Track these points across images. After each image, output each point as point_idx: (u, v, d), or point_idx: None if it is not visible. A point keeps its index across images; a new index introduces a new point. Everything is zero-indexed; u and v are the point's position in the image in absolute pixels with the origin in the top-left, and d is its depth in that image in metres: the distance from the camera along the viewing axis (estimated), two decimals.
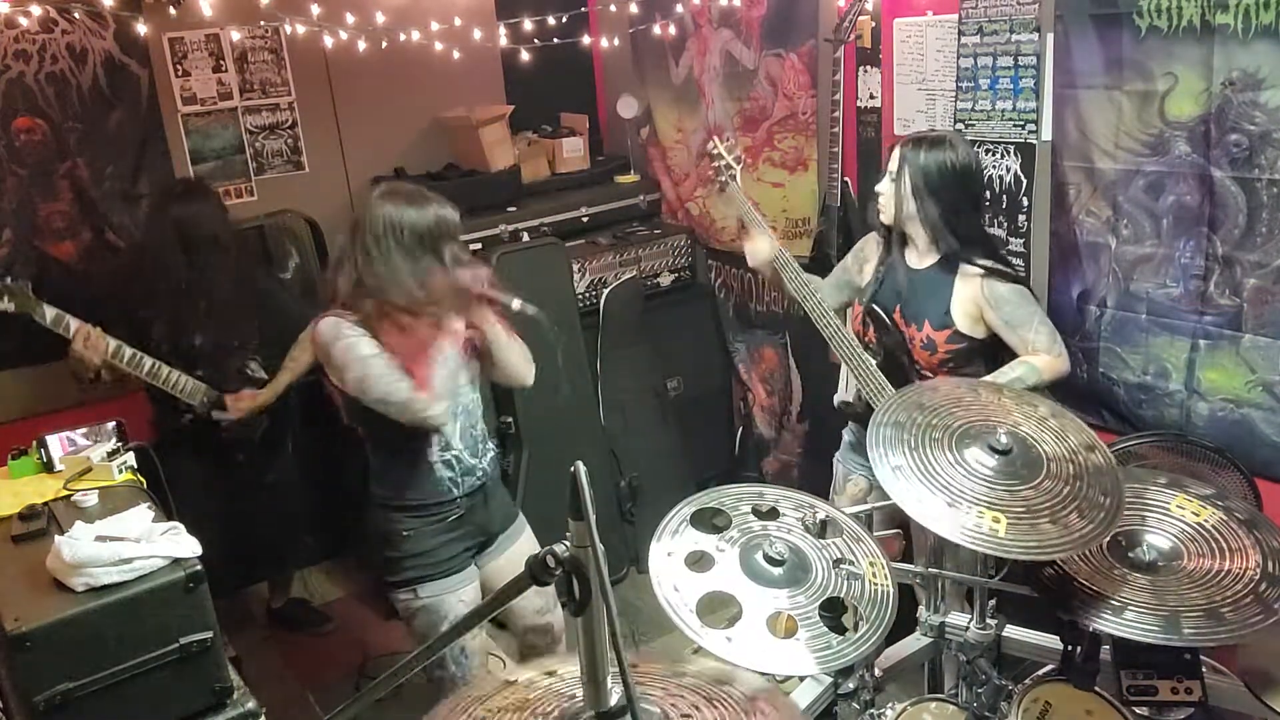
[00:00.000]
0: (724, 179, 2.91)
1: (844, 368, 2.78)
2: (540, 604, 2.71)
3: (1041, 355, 2.55)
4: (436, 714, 1.20)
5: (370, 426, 2.49)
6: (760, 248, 2.84)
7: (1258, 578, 1.86)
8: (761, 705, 1.15)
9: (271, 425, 3.33)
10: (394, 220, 2.36)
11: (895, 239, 2.71)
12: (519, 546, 2.70)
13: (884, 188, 2.66)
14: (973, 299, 2.59)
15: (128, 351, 2.98)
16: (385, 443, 2.50)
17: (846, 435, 3.00)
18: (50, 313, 2.87)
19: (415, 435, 2.46)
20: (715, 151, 2.93)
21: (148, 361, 3.03)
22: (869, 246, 2.88)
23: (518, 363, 2.58)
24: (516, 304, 2.45)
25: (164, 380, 3.07)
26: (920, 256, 2.67)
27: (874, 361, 2.66)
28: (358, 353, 2.35)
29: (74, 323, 2.90)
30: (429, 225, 2.38)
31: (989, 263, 2.59)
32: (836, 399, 2.92)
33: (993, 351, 2.64)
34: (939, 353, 2.64)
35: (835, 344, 2.70)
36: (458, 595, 2.55)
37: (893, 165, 2.63)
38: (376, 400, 2.37)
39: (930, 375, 2.65)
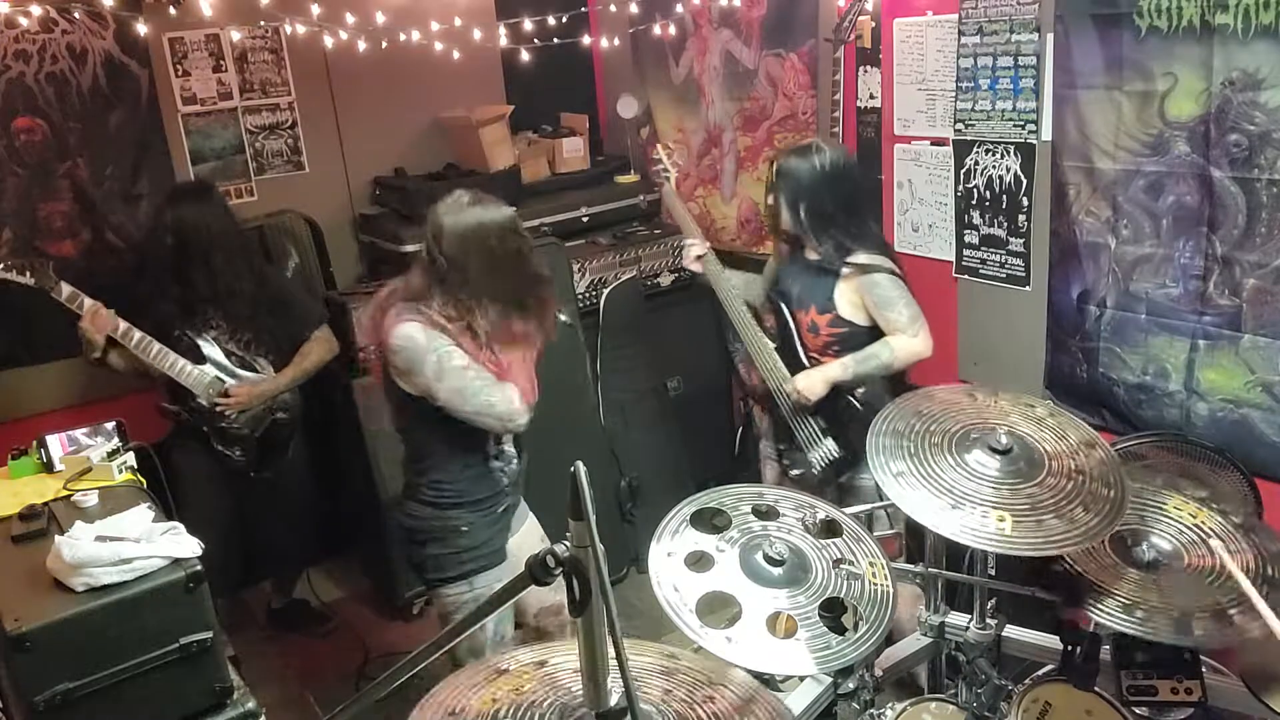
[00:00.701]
0: (660, 180, 3.36)
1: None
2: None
3: (899, 335, 2.75)
4: (429, 699, 1.21)
5: (434, 432, 2.47)
6: (693, 248, 3.12)
7: (1259, 582, 1.86)
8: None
9: (273, 424, 3.32)
10: (489, 228, 2.38)
11: (790, 239, 2.92)
12: (529, 525, 2.74)
13: (768, 200, 2.90)
14: (854, 287, 2.78)
15: (136, 334, 3.02)
16: (447, 446, 2.49)
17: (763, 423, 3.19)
18: (66, 290, 2.95)
19: (480, 436, 2.48)
20: (657, 156, 3.36)
21: (155, 346, 3.06)
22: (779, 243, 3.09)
23: None
24: (564, 317, 2.61)
25: (169, 366, 3.09)
26: (813, 250, 2.85)
27: (772, 345, 2.95)
28: (453, 363, 2.34)
29: (87, 301, 2.97)
30: (517, 228, 2.43)
31: (863, 259, 2.75)
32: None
33: (878, 340, 2.81)
34: (821, 335, 2.85)
35: (739, 328, 3.02)
36: (503, 582, 2.55)
37: (772, 177, 2.86)
38: (473, 411, 2.38)
39: (816, 357, 2.89)
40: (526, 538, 2.71)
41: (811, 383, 2.82)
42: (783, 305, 2.93)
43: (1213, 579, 1.91)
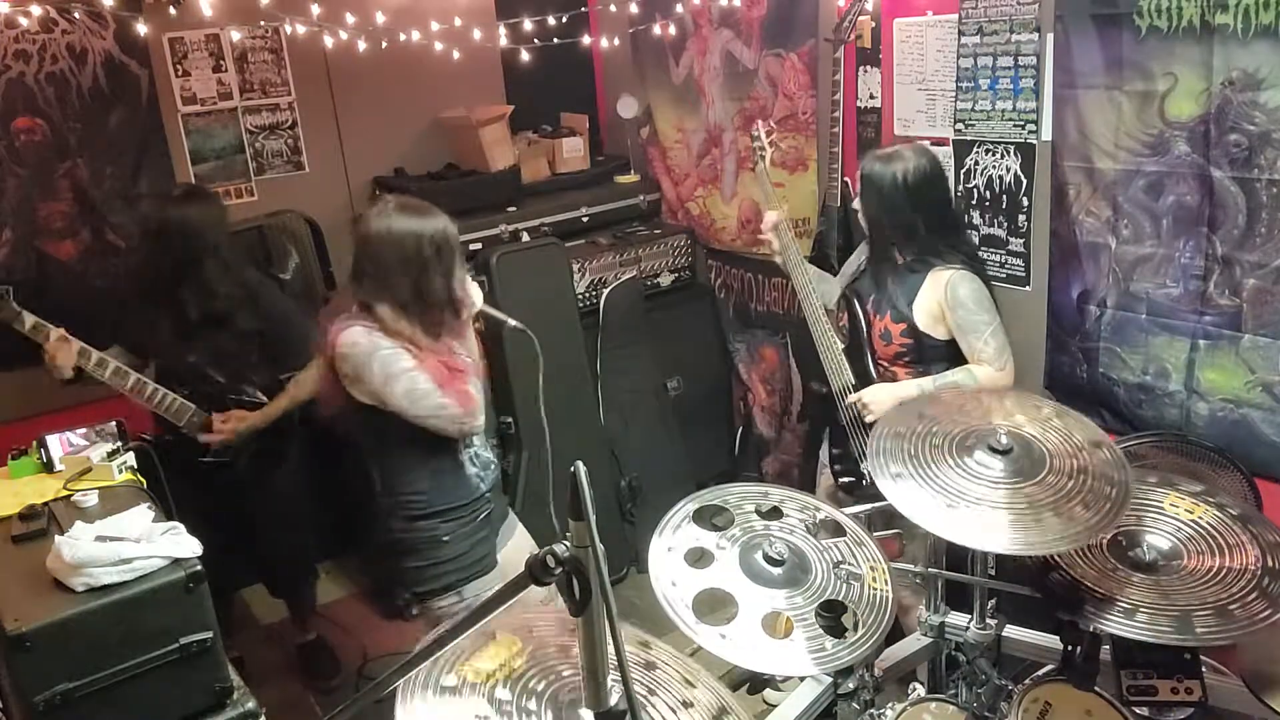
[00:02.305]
0: (757, 159, 3.28)
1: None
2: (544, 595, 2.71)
3: (984, 366, 2.64)
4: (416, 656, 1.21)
5: (397, 441, 2.44)
6: (769, 217, 3.08)
7: (1259, 573, 1.86)
8: None
9: (259, 455, 3.15)
10: (410, 232, 2.35)
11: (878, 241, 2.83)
12: (518, 537, 2.73)
13: (857, 203, 2.85)
14: (936, 298, 2.67)
15: (110, 365, 2.86)
16: (414, 453, 2.45)
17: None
18: (30, 320, 2.78)
19: (446, 441, 2.45)
20: (756, 133, 3.29)
21: (131, 378, 2.90)
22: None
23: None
24: (512, 323, 2.56)
25: (148, 398, 2.94)
26: (901, 257, 2.75)
27: (840, 345, 2.86)
28: (399, 365, 2.33)
29: (53, 331, 2.80)
30: (442, 238, 2.38)
31: (948, 272, 2.66)
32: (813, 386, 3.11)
33: (954, 356, 2.71)
34: (893, 344, 2.74)
35: (810, 321, 2.92)
36: (492, 589, 2.54)
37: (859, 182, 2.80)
38: (425, 414, 2.36)
39: (885, 365, 2.80)
40: (515, 552, 2.67)
41: (880, 400, 2.69)
42: (858, 306, 2.83)
43: (1215, 576, 1.91)
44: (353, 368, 2.34)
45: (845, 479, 2.91)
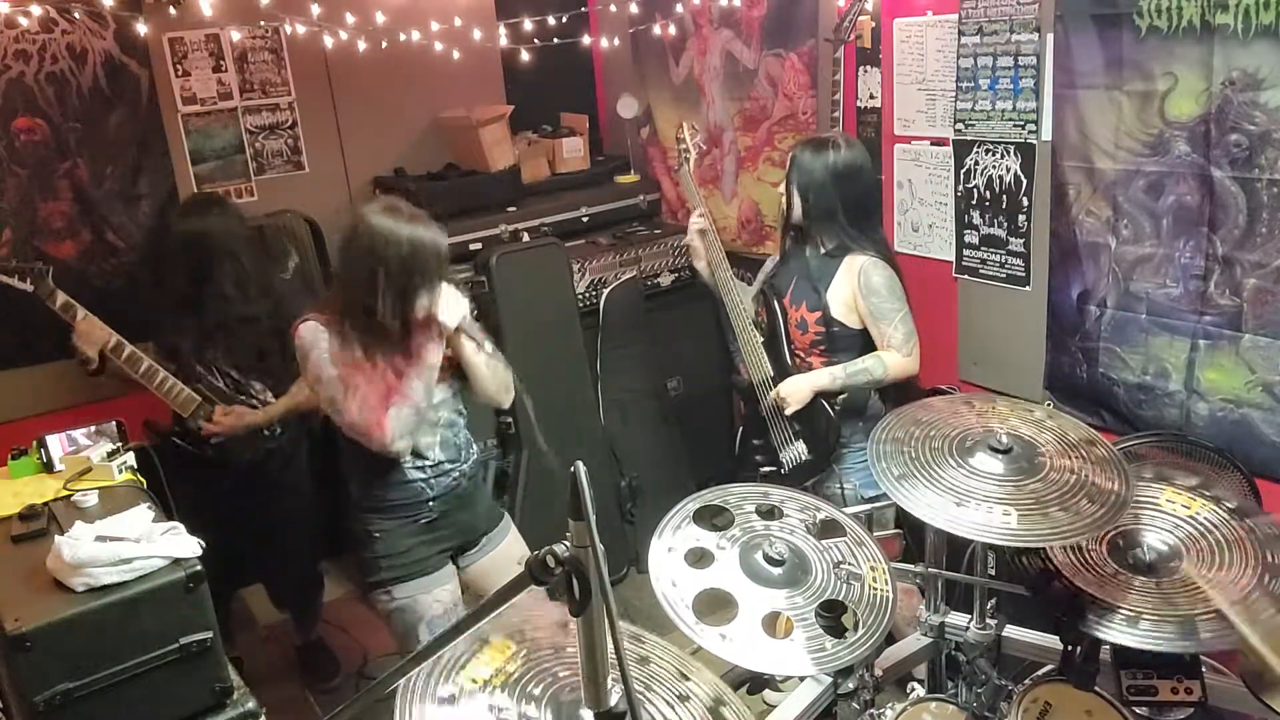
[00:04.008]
0: (682, 160, 3.31)
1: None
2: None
3: (892, 352, 2.74)
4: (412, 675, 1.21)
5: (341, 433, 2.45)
6: (696, 220, 3.13)
7: (1260, 570, 1.86)
8: None
9: (266, 460, 3.18)
10: (376, 236, 2.28)
11: (795, 232, 2.91)
12: (504, 548, 2.70)
13: (781, 188, 2.88)
14: (850, 285, 2.76)
15: (127, 349, 2.96)
16: (354, 446, 2.43)
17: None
18: (61, 299, 2.91)
19: None
20: (681, 135, 3.32)
21: (144, 363, 2.98)
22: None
23: (491, 391, 2.56)
24: (489, 348, 2.50)
25: (158, 385, 3.00)
26: (818, 246, 2.85)
27: (760, 338, 2.97)
28: (323, 369, 2.35)
29: (80, 312, 2.93)
30: (410, 250, 2.29)
31: (862, 259, 2.75)
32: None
33: (865, 345, 2.81)
34: (809, 333, 2.85)
35: (732, 317, 3.04)
36: (432, 595, 2.54)
37: (789, 166, 2.84)
38: (342, 425, 2.37)
39: (802, 355, 2.90)
40: (500, 559, 2.66)
41: (796, 389, 2.82)
42: (774, 299, 2.92)
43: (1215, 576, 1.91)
44: (300, 359, 2.40)
45: (767, 469, 3.00)
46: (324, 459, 3.63)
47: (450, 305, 2.40)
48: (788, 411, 2.85)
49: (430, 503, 2.52)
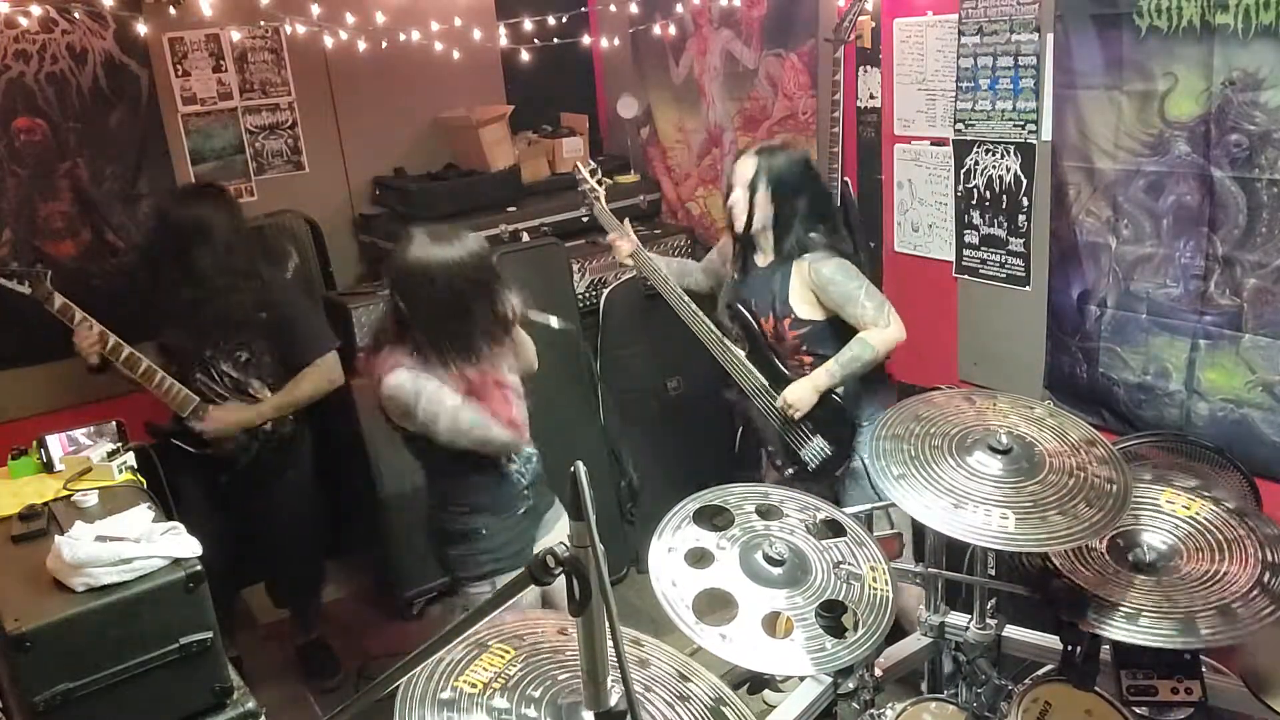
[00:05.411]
0: (590, 200, 3.31)
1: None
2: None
3: (871, 329, 2.76)
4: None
5: (443, 458, 2.47)
6: (623, 246, 3.17)
7: (1260, 569, 1.86)
8: None
9: (260, 457, 3.17)
10: (443, 265, 2.33)
11: (745, 244, 2.92)
12: (557, 531, 2.72)
13: (737, 197, 2.85)
14: (804, 284, 2.82)
15: (125, 350, 2.94)
16: (460, 467, 2.48)
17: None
18: (59, 301, 2.89)
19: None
20: (581, 176, 3.30)
21: (143, 364, 2.96)
22: (729, 247, 3.06)
23: (532, 358, 2.65)
24: (555, 323, 2.63)
25: (156, 385, 2.98)
26: (764, 256, 2.90)
27: (743, 352, 2.97)
28: (444, 404, 2.35)
29: (78, 314, 2.91)
30: (476, 263, 2.37)
31: (809, 257, 2.79)
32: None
33: (841, 330, 2.83)
34: (788, 339, 2.89)
35: (702, 336, 3.02)
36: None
37: (746, 173, 2.83)
38: (473, 444, 2.41)
39: (795, 361, 2.92)
40: (561, 536, 2.70)
41: (802, 394, 2.85)
42: (745, 313, 2.95)
43: (1215, 575, 1.90)
44: (399, 408, 2.38)
45: (791, 470, 3.01)
46: (324, 457, 3.64)
47: (514, 296, 2.46)
48: (796, 416, 2.87)
49: (525, 490, 2.57)
